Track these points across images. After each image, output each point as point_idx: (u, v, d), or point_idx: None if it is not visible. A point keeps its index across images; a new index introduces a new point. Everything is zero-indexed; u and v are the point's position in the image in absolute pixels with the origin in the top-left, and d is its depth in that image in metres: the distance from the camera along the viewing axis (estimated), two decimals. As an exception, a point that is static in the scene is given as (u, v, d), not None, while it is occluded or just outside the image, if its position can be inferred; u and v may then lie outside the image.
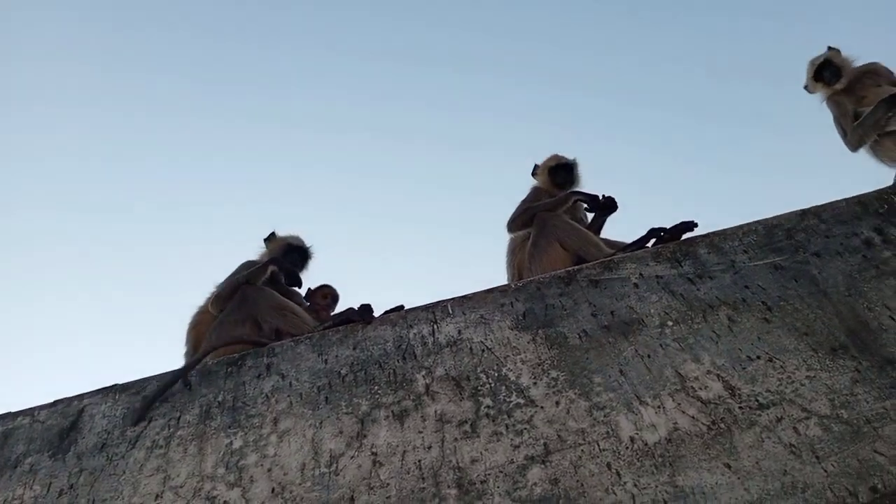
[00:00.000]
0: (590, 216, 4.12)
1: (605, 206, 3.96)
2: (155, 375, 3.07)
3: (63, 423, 2.91)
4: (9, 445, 2.87)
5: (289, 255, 4.10)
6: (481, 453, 2.37)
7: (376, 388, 2.71)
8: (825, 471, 2.07)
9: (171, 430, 2.76)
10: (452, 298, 3.06)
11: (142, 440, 2.74)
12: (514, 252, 3.94)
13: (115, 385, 3.05)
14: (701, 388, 2.39)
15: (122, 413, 2.89)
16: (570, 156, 4.39)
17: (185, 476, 2.56)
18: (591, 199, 3.94)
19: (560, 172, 4.25)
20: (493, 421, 2.47)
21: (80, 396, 3.04)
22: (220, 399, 2.84)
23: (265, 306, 3.53)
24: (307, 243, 4.31)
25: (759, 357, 2.44)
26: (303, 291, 4.32)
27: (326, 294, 4.36)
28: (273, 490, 2.42)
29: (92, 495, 2.57)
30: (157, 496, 2.50)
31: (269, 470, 2.50)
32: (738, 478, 2.11)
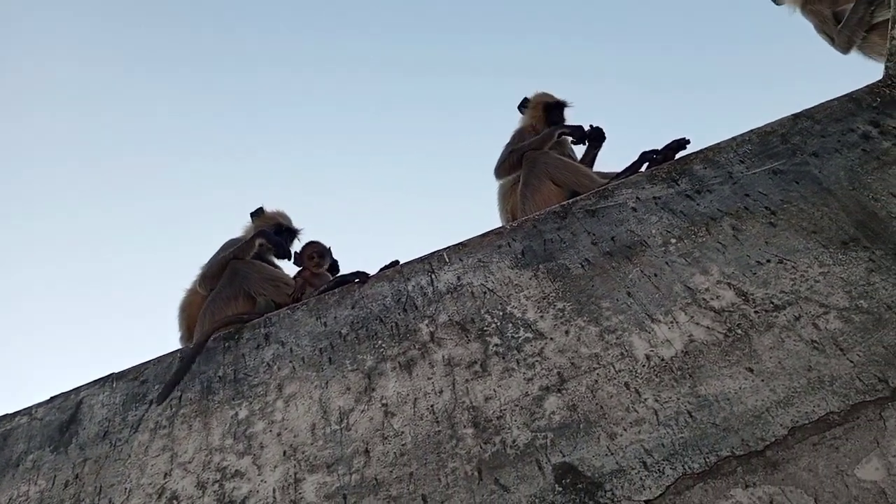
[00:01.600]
0: (579, 153, 4.02)
1: (593, 137, 3.85)
2: (151, 360, 2.98)
3: (62, 417, 2.82)
4: (8, 446, 2.78)
5: (276, 231, 3.97)
6: (494, 391, 2.29)
7: (380, 342, 2.63)
8: (851, 361, 2.00)
9: (174, 409, 2.67)
10: (448, 247, 2.97)
11: (144, 423, 2.65)
12: (506, 197, 3.84)
13: (112, 374, 2.96)
14: (713, 298, 2.31)
15: (121, 400, 2.80)
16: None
17: (192, 451, 2.47)
18: (577, 130, 3.82)
19: (555, 111, 4.11)
20: (503, 358, 2.39)
21: (77, 390, 2.95)
22: (220, 374, 2.75)
23: (257, 279, 3.42)
24: (293, 219, 4.18)
25: (768, 261, 2.36)
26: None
27: (313, 253, 4.10)
28: (285, 453, 2.34)
29: (98, 482, 2.48)
30: (166, 474, 2.42)
31: (279, 434, 2.41)
32: (762, 380, 2.03)
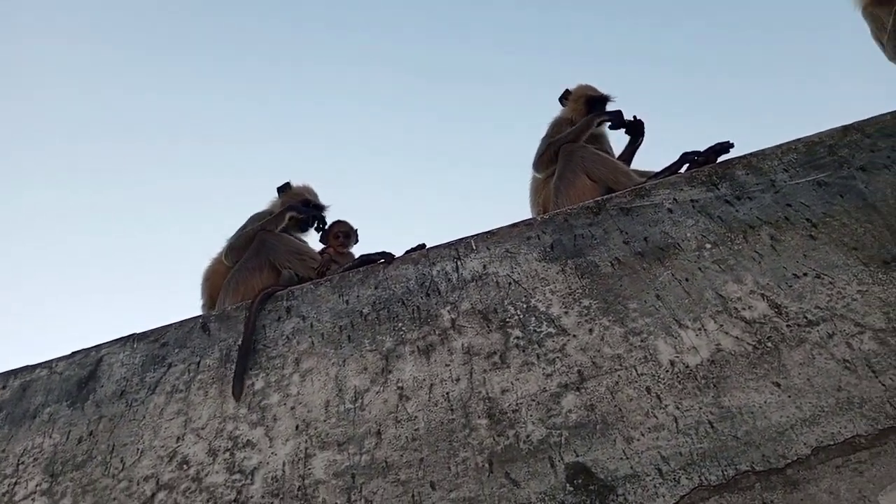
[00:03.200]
0: (617, 151, 3.93)
1: (632, 128, 3.76)
2: (172, 324, 2.99)
3: (81, 373, 2.84)
4: (27, 397, 2.81)
5: (304, 206, 3.94)
6: (512, 383, 2.26)
7: (400, 324, 2.60)
8: (883, 385, 1.93)
9: (191, 374, 2.68)
10: (476, 235, 2.94)
11: (161, 385, 2.66)
12: (538, 190, 3.76)
13: (133, 334, 2.98)
14: (745, 309, 2.25)
15: (140, 361, 2.81)
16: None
17: (206, 418, 2.47)
18: (616, 115, 3.69)
19: (598, 105, 3.99)
20: (524, 351, 2.35)
21: (98, 347, 2.97)
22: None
23: (284, 251, 3.42)
24: (320, 196, 4.15)
25: (805, 274, 2.29)
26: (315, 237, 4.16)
27: (339, 232, 4.10)
28: (297, 427, 2.33)
29: (112, 441, 2.49)
30: (179, 438, 2.42)
31: (293, 408, 2.40)
32: (789, 396, 1.97)
